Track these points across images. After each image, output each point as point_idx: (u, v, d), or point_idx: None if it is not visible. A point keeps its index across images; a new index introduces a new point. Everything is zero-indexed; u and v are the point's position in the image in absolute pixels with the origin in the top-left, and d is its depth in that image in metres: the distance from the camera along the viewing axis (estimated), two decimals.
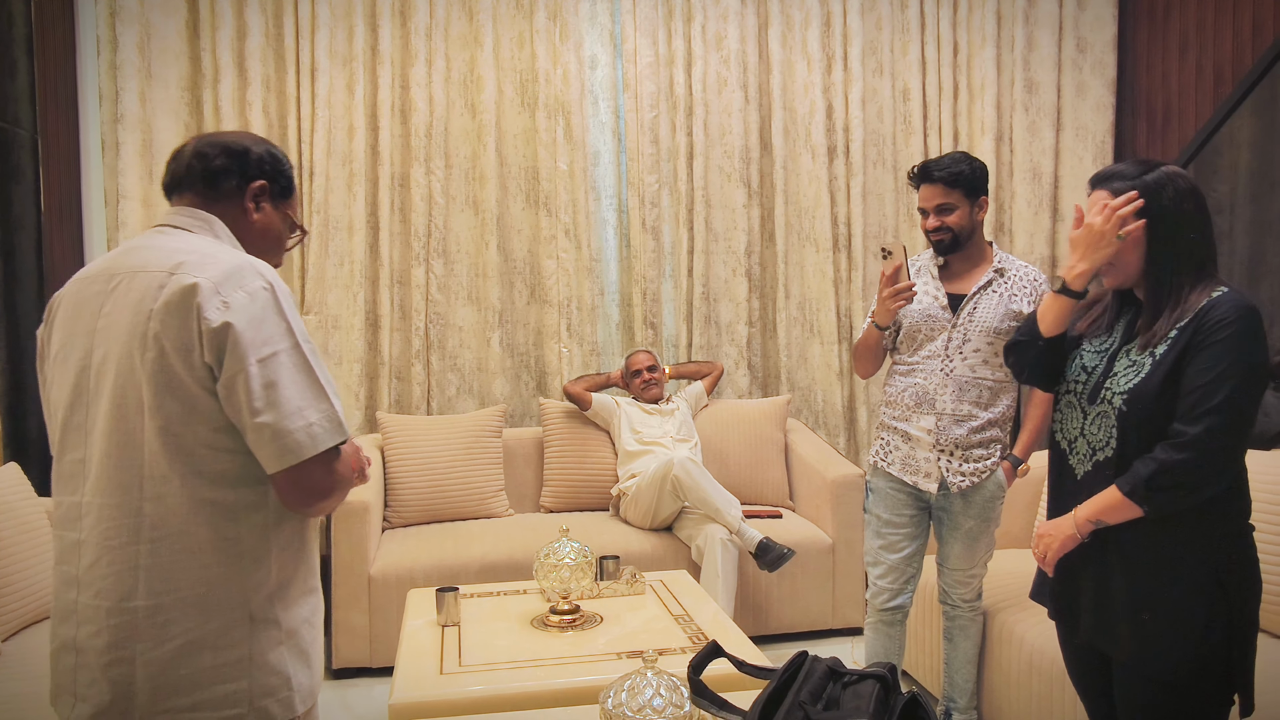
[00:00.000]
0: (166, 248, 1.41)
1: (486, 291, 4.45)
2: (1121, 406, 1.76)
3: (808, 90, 4.63)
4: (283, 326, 1.34)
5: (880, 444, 2.75)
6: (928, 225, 2.65)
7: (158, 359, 1.33)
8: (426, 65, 4.32)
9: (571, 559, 2.67)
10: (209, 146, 1.52)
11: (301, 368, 1.34)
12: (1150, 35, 4.73)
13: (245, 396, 1.31)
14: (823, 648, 3.69)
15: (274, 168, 1.55)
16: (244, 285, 1.34)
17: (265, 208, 1.54)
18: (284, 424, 1.31)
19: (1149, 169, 1.79)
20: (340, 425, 1.37)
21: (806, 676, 1.45)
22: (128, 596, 1.34)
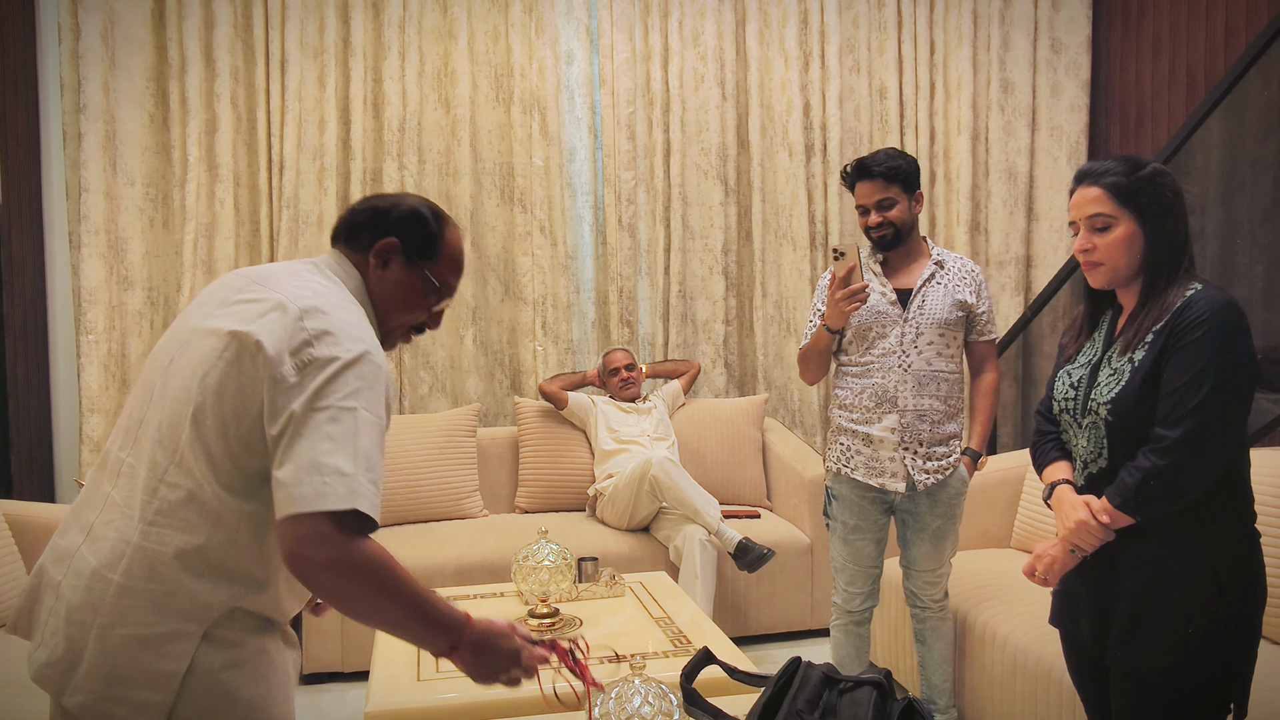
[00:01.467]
0: (305, 283, 1.43)
1: (460, 288, 4.37)
2: (1107, 417, 1.73)
3: (785, 88, 4.60)
4: (350, 389, 1.30)
5: (840, 449, 2.69)
6: (870, 221, 2.63)
7: (235, 364, 1.33)
8: (399, 58, 4.24)
9: (551, 561, 2.62)
10: (362, 202, 1.58)
11: (348, 431, 1.28)
12: (1123, 37, 4.76)
13: (283, 440, 1.27)
14: (802, 648, 3.66)
15: (413, 227, 1.53)
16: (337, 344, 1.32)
17: (394, 265, 1.52)
18: (301, 474, 1.24)
19: (1139, 166, 1.75)
20: (353, 494, 1.23)
21: (802, 684, 1.41)
22: (110, 567, 1.32)
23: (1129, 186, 1.72)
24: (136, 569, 1.31)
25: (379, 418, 1.32)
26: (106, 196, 4.01)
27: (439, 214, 1.56)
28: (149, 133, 4.09)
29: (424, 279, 1.53)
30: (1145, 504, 1.67)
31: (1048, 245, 4.83)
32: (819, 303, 2.71)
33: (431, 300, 1.56)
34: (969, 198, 4.74)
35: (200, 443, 1.32)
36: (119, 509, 1.36)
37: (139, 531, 1.32)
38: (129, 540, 1.32)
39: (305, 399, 1.27)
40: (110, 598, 1.31)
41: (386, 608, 1.28)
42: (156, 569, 1.31)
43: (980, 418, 2.71)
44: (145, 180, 4.09)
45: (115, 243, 4.04)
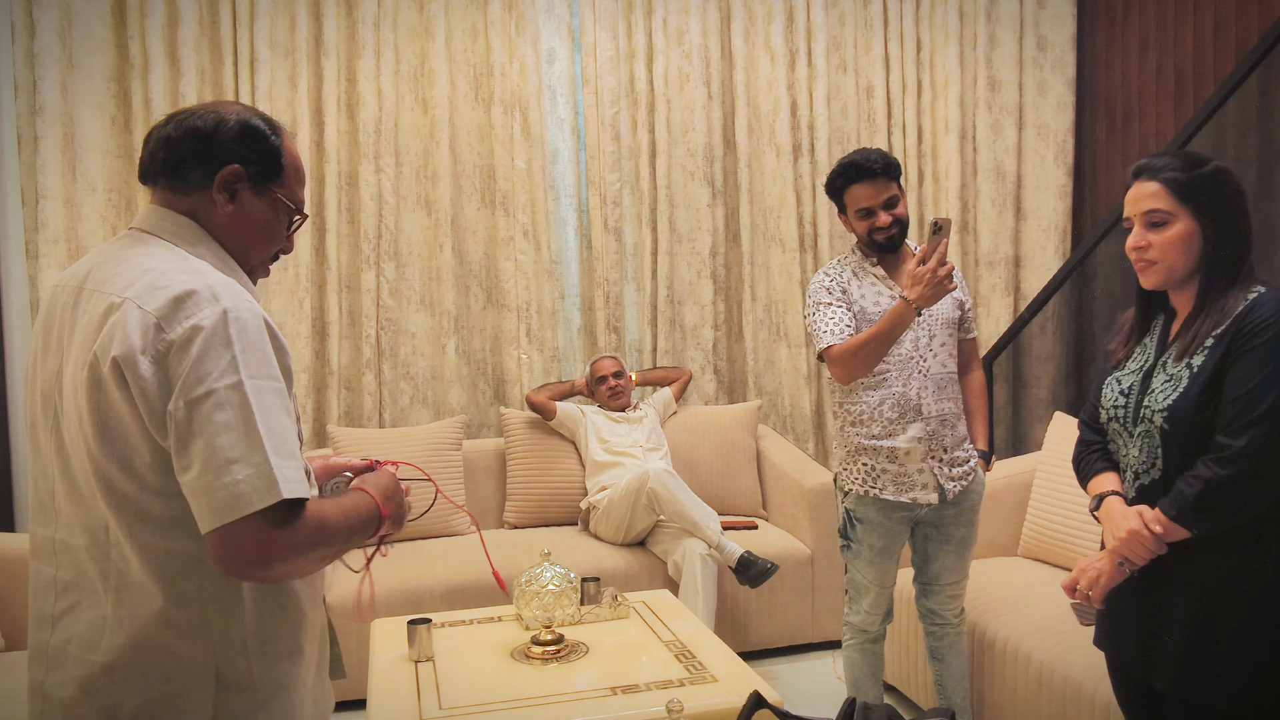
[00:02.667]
0: (127, 263, 1.23)
1: (441, 296, 4.22)
2: (1163, 425, 1.65)
3: (771, 87, 4.50)
4: (224, 361, 1.13)
5: (864, 470, 2.52)
6: (880, 222, 2.46)
7: (95, 396, 1.16)
8: (375, 57, 4.08)
9: (555, 585, 2.49)
10: (175, 129, 1.30)
11: (239, 410, 1.12)
12: (1109, 35, 4.72)
13: (174, 444, 1.13)
14: (803, 663, 3.56)
15: (251, 146, 1.30)
16: (191, 315, 1.14)
17: (244, 196, 1.30)
18: (206, 479, 1.10)
19: (1200, 162, 1.67)
20: (273, 484, 1.11)
21: None
22: (92, 648, 1.19)
23: (1188, 182, 1.65)
24: (120, 641, 1.17)
25: (272, 379, 1.17)
26: (66, 203, 3.81)
27: (271, 121, 1.35)
28: (110, 135, 3.89)
29: (276, 204, 1.34)
30: (1204, 516, 1.59)
31: (1036, 245, 4.78)
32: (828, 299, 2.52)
33: (287, 223, 1.37)
34: (958, 197, 4.67)
35: (115, 494, 1.16)
36: (77, 589, 1.21)
37: (110, 604, 1.18)
38: (104, 615, 1.18)
39: (179, 392, 1.12)
40: (101, 678, 1.17)
41: (331, 554, 1.23)
42: (141, 636, 1.17)
43: (980, 417, 2.62)
44: (107, 185, 3.88)
45: (76, 252, 3.83)
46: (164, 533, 1.17)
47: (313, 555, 1.17)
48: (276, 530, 1.11)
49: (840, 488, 2.59)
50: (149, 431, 1.14)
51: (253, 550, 1.10)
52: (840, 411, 2.58)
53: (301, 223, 1.39)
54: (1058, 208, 4.73)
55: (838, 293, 2.51)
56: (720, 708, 2.07)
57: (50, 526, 1.25)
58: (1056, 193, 4.72)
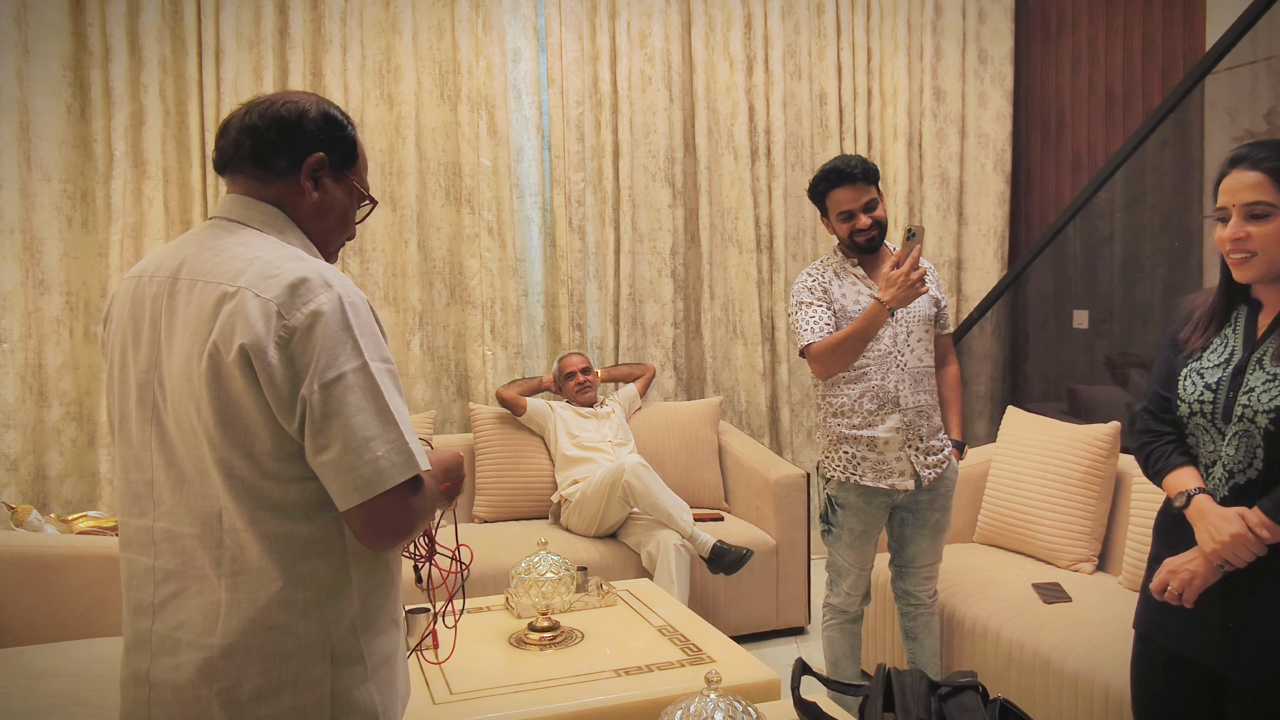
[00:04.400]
0: (227, 252, 1.26)
1: (405, 292, 4.23)
2: (1269, 426, 1.59)
3: (730, 91, 4.63)
4: (349, 345, 1.19)
5: (845, 458, 2.65)
6: (860, 224, 2.60)
7: (216, 385, 1.20)
8: (341, 52, 4.06)
9: (553, 573, 2.55)
10: (260, 118, 1.32)
11: (369, 392, 1.19)
12: (1044, 50, 4.98)
13: (308, 427, 1.18)
14: (769, 649, 3.68)
15: (332, 134, 1.34)
16: (309, 301, 1.19)
17: (326, 183, 1.34)
18: (349, 459, 1.17)
19: None
20: (411, 458, 1.20)
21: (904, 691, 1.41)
22: (207, 632, 1.22)
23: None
24: (237, 624, 1.21)
25: (386, 360, 1.23)
26: (22, 193, 3.70)
27: (343, 111, 1.39)
28: (66, 125, 3.79)
29: (351, 190, 1.38)
30: None
31: (976, 249, 5.01)
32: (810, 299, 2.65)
33: (357, 213, 1.41)
34: (905, 202, 4.87)
35: (235, 481, 1.20)
36: (181, 577, 1.25)
37: (225, 588, 1.22)
38: (218, 600, 1.22)
39: (312, 377, 1.17)
40: (220, 660, 1.21)
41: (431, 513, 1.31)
42: (259, 618, 1.21)
43: (954, 409, 2.78)
44: (63, 176, 3.79)
45: (31, 244, 3.73)
46: (281, 517, 1.21)
47: (430, 518, 1.27)
48: (414, 499, 1.20)
49: (823, 475, 2.72)
50: (273, 417, 1.18)
51: (399, 520, 1.19)
52: (823, 404, 2.71)
53: (372, 209, 1.44)
54: (997, 213, 4.97)
55: (819, 292, 2.64)
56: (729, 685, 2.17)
57: (147, 517, 1.27)
58: (996, 199, 4.97)
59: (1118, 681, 2.28)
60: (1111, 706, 2.30)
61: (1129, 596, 2.74)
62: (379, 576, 1.30)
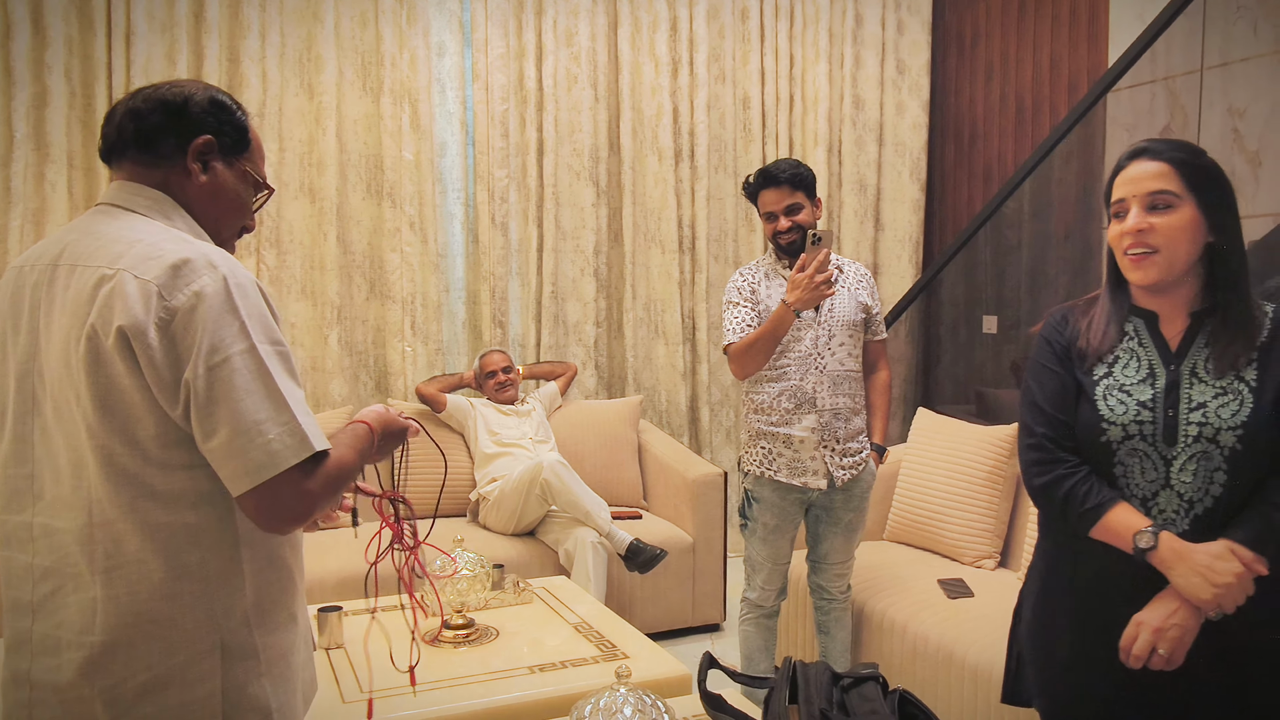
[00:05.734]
0: (108, 236, 1.23)
1: (324, 285, 4.16)
2: (1234, 445, 1.42)
3: (655, 92, 4.67)
4: (235, 327, 1.16)
5: (762, 453, 2.72)
6: (780, 226, 2.67)
7: (95, 370, 1.16)
8: (259, 38, 3.97)
9: (469, 570, 2.55)
10: (144, 102, 1.30)
11: (258, 375, 1.16)
12: (959, 62, 5.14)
13: (194, 412, 1.15)
14: (685, 645, 3.73)
15: (220, 118, 1.32)
16: (192, 282, 1.16)
17: (215, 167, 1.32)
18: (239, 442, 1.14)
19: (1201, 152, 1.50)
20: (305, 439, 1.17)
21: (808, 682, 1.45)
22: (86, 630, 1.18)
23: (1196, 167, 1.47)
24: (117, 620, 1.18)
25: (277, 342, 1.21)
26: None
27: (232, 98, 1.38)
28: None
29: (244, 176, 1.36)
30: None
31: (892, 254, 5.14)
32: (737, 299, 2.71)
33: (253, 201, 1.39)
34: (824, 208, 4.97)
35: (116, 469, 1.17)
36: (59, 575, 1.21)
37: (100, 584, 1.18)
38: (94, 596, 1.18)
39: (196, 360, 1.14)
40: (102, 657, 1.17)
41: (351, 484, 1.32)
42: (141, 611, 1.18)
43: (880, 414, 2.85)
44: None
45: None
46: (165, 507, 1.18)
47: (336, 496, 1.25)
48: (308, 480, 1.17)
49: (742, 469, 2.78)
50: (156, 402, 1.16)
51: (293, 503, 1.16)
52: (746, 400, 2.77)
53: (268, 198, 1.42)
54: (912, 220, 5.11)
55: (747, 293, 2.69)
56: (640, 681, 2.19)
57: (26, 512, 1.23)
58: (911, 206, 5.11)
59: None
60: None
61: None
62: (275, 569, 1.28)
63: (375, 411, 1.40)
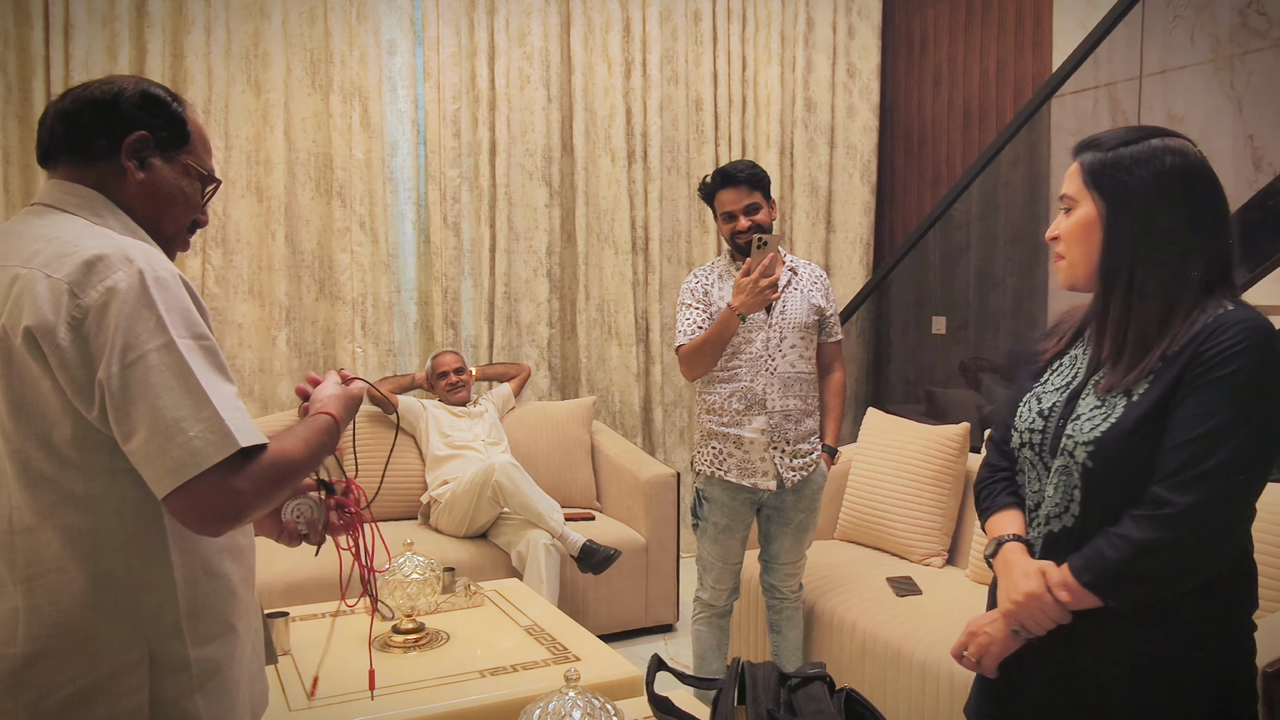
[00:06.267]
0: (29, 235, 1.19)
1: (271, 286, 4.09)
2: (1086, 461, 1.31)
3: (608, 93, 4.66)
4: (151, 323, 1.12)
5: (713, 453, 2.73)
6: (739, 226, 2.68)
7: (7, 373, 1.13)
8: (204, 33, 3.90)
9: (419, 574, 2.52)
10: (73, 102, 1.26)
11: (176, 371, 1.12)
12: (908, 67, 5.22)
13: (111, 413, 1.11)
14: (638, 646, 3.73)
15: (154, 112, 1.28)
16: (105, 278, 1.12)
17: (153, 164, 1.28)
18: (158, 442, 1.10)
19: (1138, 138, 1.33)
20: (228, 435, 1.11)
21: (756, 683, 1.46)
22: (8, 642, 1.15)
23: (1108, 161, 1.33)
24: (40, 630, 1.14)
25: (200, 336, 1.15)
26: None
27: (169, 90, 1.33)
28: None
29: (187, 170, 1.32)
30: (1127, 588, 1.27)
31: (844, 256, 5.20)
32: (690, 300, 2.72)
33: (199, 195, 1.35)
34: (777, 210, 5.01)
35: (33, 474, 1.14)
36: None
37: (21, 594, 1.15)
38: (15, 608, 1.15)
39: (109, 360, 1.10)
40: (24, 670, 1.14)
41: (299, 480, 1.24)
42: (63, 622, 1.15)
43: (833, 415, 2.87)
44: None
45: None
46: (86, 512, 1.15)
47: (279, 494, 1.18)
48: (236, 478, 1.12)
49: (694, 469, 2.79)
50: (70, 404, 1.12)
51: (219, 504, 1.11)
52: (699, 400, 2.78)
53: (215, 190, 1.38)
54: (863, 222, 5.17)
55: (700, 294, 2.70)
56: (591, 683, 2.19)
57: None
58: (862, 209, 5.16)
59: (961, 669, 2.41)
60: (956, 693, 2.43)
61: (976, 589, 2.91)
62: (211, 577, 1.23)
63: (335, 396, 1.35)
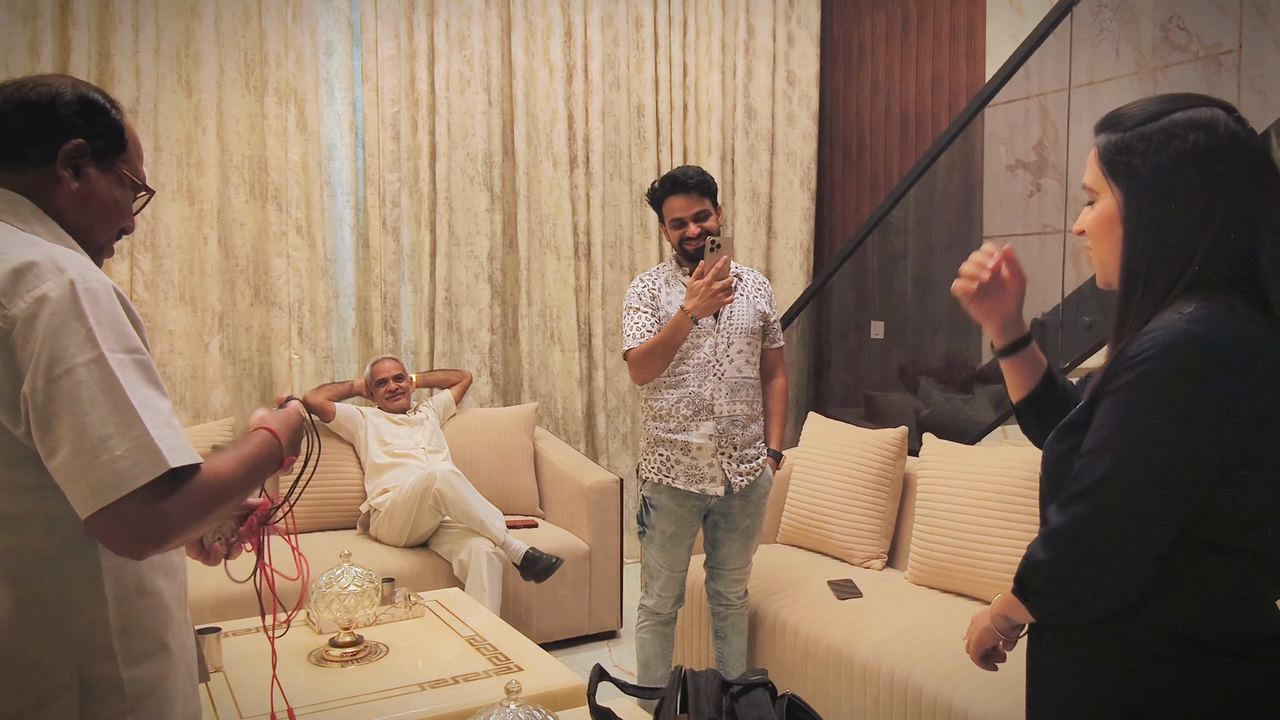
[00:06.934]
0: None
1: (204, 291, 3.99)
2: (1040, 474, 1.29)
3: (550, 98, 4.65)
4: (80, 335, 1.08)
5: (660, 460, 2.72)
6: (689, 233, 2.68)
7: None
8: (133, 32, 3.79)
9: (356, 586, 2.48)
10: (5, 103, 1.21)
11: (105, 387, 1.07)
12: (846, 75, 5.29)
13: (35, 428, 1.07)
14: (582, 654, 3.72)
15: (92, 119, 1.24)
16: (34, 288, 1.08)
17: (88, 173, 1.24)
18: (82, 460, 1.06)
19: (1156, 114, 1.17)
20: (157, 455, 1.07)
21: (698, 691, 1.46)
22: None
23: (1122, 145, 1.19)
24: None
25: (133, 350, 1.12)
26: None
27: (106, 94, 1.29)
28: None
29: (120, 180, 1.28)
30: (1032, 600, 1.21)
31: (784, 261, 5.25)
32: (638, 304, 2.71)
33: (132, 205, 1.31)
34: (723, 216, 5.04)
35: None
36: None
37: None
38: None
39: (35, 373, 1.06)
40: None
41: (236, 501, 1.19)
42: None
43: (777, 420, 2.89)
44: None
45: None
46: (13, 530, 1.11)
47: (211, 516, 1.14)
48: (164, 501, 1.07)
49: (640, 476, 2.78)
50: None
51: (144, 527, 1.06)
52: (645, 407, 2.77)
53: (148, 199, 1.34)
54: (803, 228, 5.22)
55: (647, 299, 2.70)
56: (532, 693, 2.17)
57: None
58: (802, 215, 5.22)
59: (901, 671, 2.45)
60: (896, 694, 2.46)
61: (914, 590, 2.96)
62: (144, 596, 1.20)
63: (273, 413, 1.31)
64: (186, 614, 1.31)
